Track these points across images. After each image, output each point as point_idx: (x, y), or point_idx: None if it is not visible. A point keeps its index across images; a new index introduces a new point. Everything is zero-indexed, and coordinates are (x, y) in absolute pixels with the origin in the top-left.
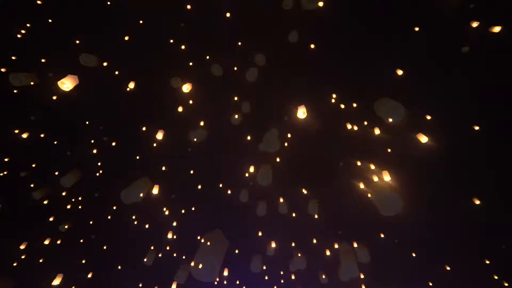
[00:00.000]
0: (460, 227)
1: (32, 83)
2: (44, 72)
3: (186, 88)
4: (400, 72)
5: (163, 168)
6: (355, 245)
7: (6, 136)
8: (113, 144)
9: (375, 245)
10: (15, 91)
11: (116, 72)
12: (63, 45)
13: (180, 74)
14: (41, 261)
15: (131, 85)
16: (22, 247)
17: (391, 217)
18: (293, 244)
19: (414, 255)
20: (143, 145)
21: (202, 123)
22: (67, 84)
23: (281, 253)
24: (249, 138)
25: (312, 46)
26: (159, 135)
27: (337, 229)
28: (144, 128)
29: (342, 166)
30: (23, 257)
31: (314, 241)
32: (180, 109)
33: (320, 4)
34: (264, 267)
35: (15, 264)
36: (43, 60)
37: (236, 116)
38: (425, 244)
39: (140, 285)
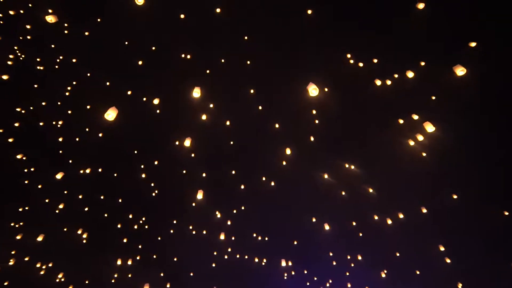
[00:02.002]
0: None
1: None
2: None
3: (196, 92)
4: (421, 6)
5: (204, 175)
6: (424, 210)
7: (73, 175)
8: (156, 163)
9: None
10: (77, 139)
11: (144, 99)
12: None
13: (190, 81)
14: (129, 276)
15: (156, 101)
16: (119, 262)
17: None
18: (354, 224)
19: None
20: (183, 157)
21: (228, 123)
22: (111, 114)
23: (343, 236)
24: (277, 126)
25: (309, 11)
26: (187, 142)
27: (396, 199)
28: (177, 142)
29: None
30: (116, 275)
31: (376, 217)
32: (204, 117)
33: None
34: (331, 254)
35: (113, 281)
36: (88, 107)
37: (260, 108)
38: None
39: None
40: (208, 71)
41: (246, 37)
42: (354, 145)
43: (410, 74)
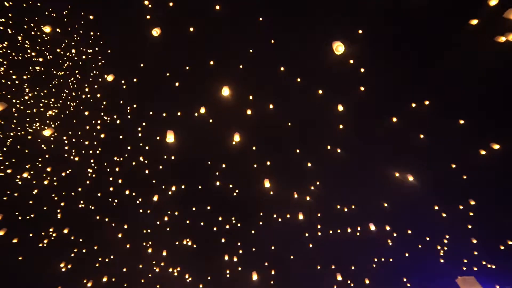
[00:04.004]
0: None
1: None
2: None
3: (224, 91)
4: None
5: (268, 163)
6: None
7: (166, 196)
8: (223, 165)
9: None
10: (160, 167)
11: (196, 114)
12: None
13: (225, 82)
14: (239, 268)
15: (202, 110)
16: (226, 258)
17: None
18: (453, 166)
19: None
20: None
21: (271, 106)
22: (170, 137)
23: (443, 183)
24: (320, 92)
25: None
26: (237, 137)
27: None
28: (234, 142)
29: None
30: (228, 270)
31: (482, 151)
32: (249, 111)
33: None
34: (436, 207)
35: (227, 276)
36: (158, 138)
37: (298, 80)
38: None
39: (319, 267)
40: (241, 66)
41: (260, 19)
42: (418, 75)
43: None
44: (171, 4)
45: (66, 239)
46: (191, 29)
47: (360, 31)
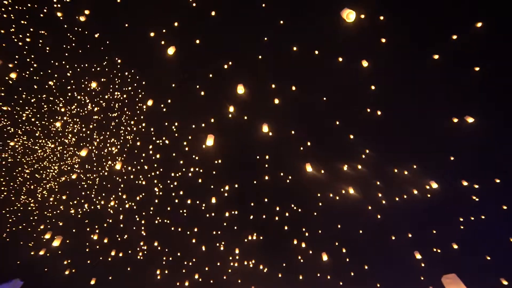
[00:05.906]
0: None
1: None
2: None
3: (240, 89)
4: None
5: (308, 144)
6: None
7: (222, 197)
8: (267, 157)
9: None
10: (213, 172)
11: (229, 115)
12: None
13: (245, 79)
14: (310, 252)
15: (231, 108)
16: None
17: None
18: None
19: None
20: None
21: (294, 88)
22: (209, 141)
23: None
24: (340, 59)
25: None
26: (265, 128)
27: None
28: (269, 134)
29: None
30: (299, 257)
31: None
32: (276, 101)
33: None
34: None
35: (302, 261)
36: (203, 146)
37: (317, 52)
38: None
39: (393, 237)
40: (260, 57)
41: (263, 5)
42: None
43: None
44: (176, 24)
45: (155, 251)
46: (197, 41)
47: None
